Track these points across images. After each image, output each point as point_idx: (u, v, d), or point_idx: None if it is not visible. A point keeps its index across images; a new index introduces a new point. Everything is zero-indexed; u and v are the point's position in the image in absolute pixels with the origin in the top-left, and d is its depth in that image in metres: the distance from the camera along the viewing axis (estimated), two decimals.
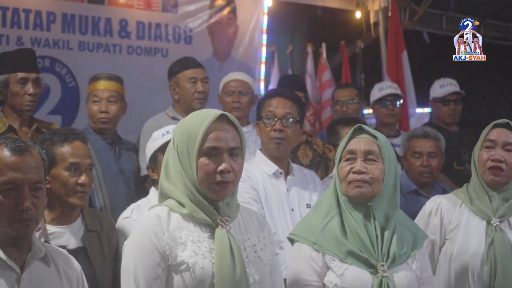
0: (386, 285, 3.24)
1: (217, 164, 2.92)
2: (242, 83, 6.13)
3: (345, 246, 3.28)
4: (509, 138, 3.89)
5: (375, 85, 6.87)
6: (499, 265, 3.74)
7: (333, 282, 3.27)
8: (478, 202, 3.91)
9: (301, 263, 3.31)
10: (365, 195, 3.35)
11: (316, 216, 3.42)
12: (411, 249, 3.43)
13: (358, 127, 3.49)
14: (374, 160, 3.39)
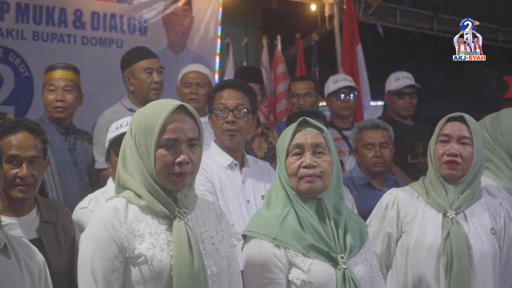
0: (349, 277, 3.27)
1: (176, 156, 2.91)
2: (200, 74, 6.11)
3: (306, 240, 3.28)
4: (463, 132, 3.90)
5: (329, 78, 6.88)
6: (455, 257, 3.75)
7: (300, 278, 3.26)
8: (434, 194, 3.92)
9: (263, 260, 3.27)
10: (317, 190, 3.36)
11: (270, 211, 3.39)
12: (360, 240, 3.47)
13: (302, 120, 3.48)
14: (322, 152, 3.40)
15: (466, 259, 3.77)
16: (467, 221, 3.91)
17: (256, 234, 3.32)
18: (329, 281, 3.26)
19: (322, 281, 3.25)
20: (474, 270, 3.80)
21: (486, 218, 3.96)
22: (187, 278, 2.82)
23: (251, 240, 3.34)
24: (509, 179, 4.33)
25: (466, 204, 3.92)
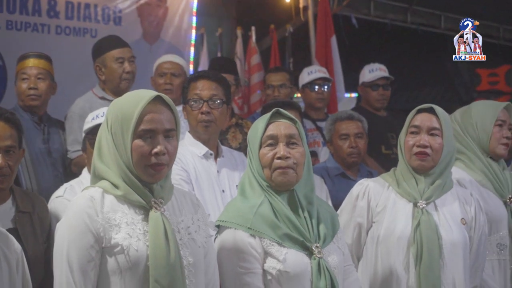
0: (324, 267, 3.28)
1: (152, 146, 2.90)
2: (175, 65, 6.11)
3: (281, 230, 3.29)
4: (433, 123, 3.90)
5: (304, 69, 6.90)
6: (425, 247, 3.77)
7: (275, 268, 3.26)
8: (405, 184, 3.93)
9: (239, 250, 3.27)
10: (291, 182, 3.38)
11: (245, 201, 3.39)
12: (332, 229, 3.49)
13: (276, 111, 3.48)
14: (296, 143, 3.41)
15: (436, 249, 3.78)
16: (438, 211, 3.92)
17: (231, 224, 3.32)
18: (304, 271, 3.28)
19: (298, 270, 3.27)
20: (444, 260, 3.81)
21: (456, 208, 3.98)
22: (164, 268, 2.82)
23: (226, 230, 3.34)
24: (481, 171, 4.37)
25: (437, 194, 3.93)
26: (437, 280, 3.77)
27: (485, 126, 4.41)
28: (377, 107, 6.69)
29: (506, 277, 4.31)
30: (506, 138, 4.40)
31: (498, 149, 4.40)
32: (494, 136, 4.39)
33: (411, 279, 3.81)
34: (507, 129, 4.42)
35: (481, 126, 4.42)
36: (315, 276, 3.27)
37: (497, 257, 4.30)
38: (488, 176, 4.36)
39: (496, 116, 4.39)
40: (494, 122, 4.39)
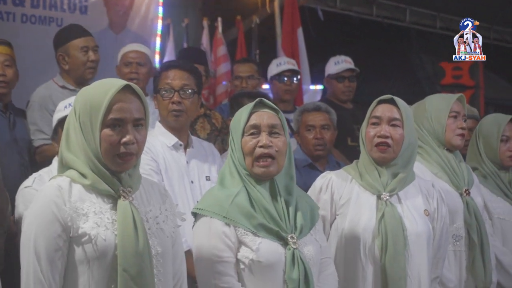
0: (299, 257, 3.30)
1: (121, 136, 2.88)
2: (140, 54, 6.10)
3: (256, 219, 3.31)
4: (394, 114, 3.92)
5: (273, 61, 6.90)
6: (390, 239, 3.79)
7: (248, 257, 3.29)
8: (368, 177, 3.95)
9: (213, 238, 3.30)
10: (272, 173, 3.41)
11: (222, 190, 3.41)
12: (311, 221, 3.51)
13: (259, 101, 3.50)
14: (278, 133, 3.43)
15: (401, 241, 3.81)
16: (401, 203, 3.95)
17: (206, 212, 3.34)
18: (278, 261, 3.30)
19: (271, 260, 3.29)
20: (409, 252, 3.84)
21: (419, 199, 4.01)
22: (132, 257, 2.81)
23: (202, 218, 3.36)
24: (437, 164, 4.41)
25: (400, 186, 3.96)
26: (403, 271, 3.79)
27: (440, 118, 4.43)
28: (343, 99, 6.71)
29: (461, 268, 4.36)
30: (461, 128, 4.43)
31: (454, 140, 4.43)
32: (449, 127, 4.42)
33: (377, 271, 3.84)
34: (462, 120, 4.46)
35: (436, 119, 4.45)
36: (289, 267, 3.29)
37: (452, 248, 4.35)
38: (444, 169, 4.40)
39: (450, 108, 4.42)
40: (448, 113, 4.42)
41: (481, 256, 4.33)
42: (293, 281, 3.28)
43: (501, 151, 4.79)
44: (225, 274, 3.28)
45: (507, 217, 4.76)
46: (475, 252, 4.33)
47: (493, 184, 4.80)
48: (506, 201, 4.79)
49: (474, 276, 4.35)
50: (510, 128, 4.82)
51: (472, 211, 4.34)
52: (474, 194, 4.45)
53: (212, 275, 3.28)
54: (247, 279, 3.32)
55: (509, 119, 4.83)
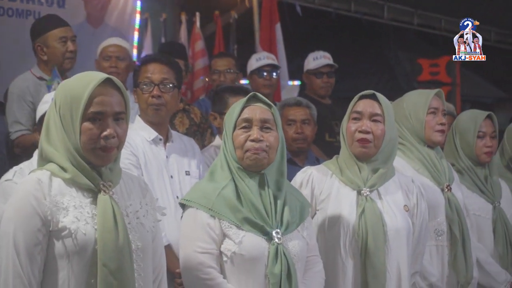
0: (282, 253, 3.32)
1: (102, 129, 2.86)
2: (120, 48, 6.09)
3: (241, 213, 3.33)
4: (375, 109, 3.93)
5: (252, 56, 6.93)
6: (370, 234, 3.81)
7: (231, 250, 3.32)
8: (348, 172, 3.95)
9: (197, 230, 3.34)
10: (262, 162, 3.41)
11: (210, 183, 3.44)
12: (299, 217, 3.52)
13: (253, 95, 3.53)
14: (270, 128, 3.45)
15: (381, 236, 3.83)
16: (381, 198, 3.96)
17: (192, 204, 3.38)
18: (260, 255, 3.32)
19: (254, 254, 3.31)
20: (389, 247, 3.86)
21: (399, 195, 4.02)
22: (112, 252, 2.79)
23: (188, 209, 3.41)
24: (419, 160, 4.43)
25: (380, 182, 3.97)
26: (382, 267, 3.81)
27: (418, 116, 4.45)
28: (322, 95, 6.73)
29: (443, 262, 4.39)
30: (440, 124, 4.45)
31: (433, 136, 4.45)
32: (428, 124, 4.43)
33: (357, 266, 3.85)
34: (441, 115, 4.47)
35: (415, 116, 4.46)
36: (271, 261, 3.31)
37: (435, 243, 4.38)
38: (425, 165, 4.42)
39: (428, 105, 4.43)
40: (427, 110, 4.43)
41: (462, 251, 4.36)
42: (274, 276, 3.29)
43: (477, 147, 4.81)
44: (207, 266, 3.31)
45: (482, 214, 4.81)
46: (457, 247, 4.35)
47: (469, 180, 4.83)
48: (482, 197, 4.83)
49: (456, 270, 4.37)
50: (486, 124, 4.84)
51: (454, 207, 4.37)
52: (455, 189, 4.47)
53: (195, 266, 3.31)
54: (229, 271, 3.35)
55: (486, 115, 4.85)
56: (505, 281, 4.72)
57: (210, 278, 3.30)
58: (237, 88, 5.32)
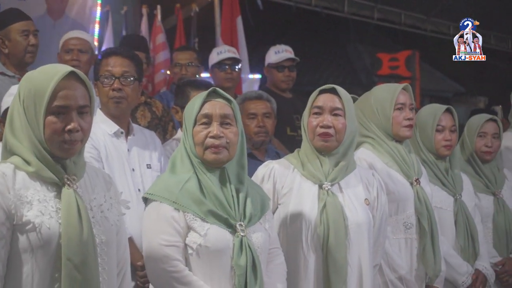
0: (247, 245, 3.34)
1: (65, 123, 2.84)
2: (82, 41, 6.05)
3: (205, 206, 3.34)
4: (335, 103, 3.94)
5: (213, 49, 6.91)
6: (332, 228, 3.82)
7: (196, 243, 3.32)
8: (309, 166, 3.96)
9: (161, 223, 3.33)
10: (222, 161, 3.42)
11: (173, 176, 3.44)
12: (261, 210, 3.54)
13: (213, 90, 3.52)
14: (230, 123, 3.45)
15: (342, 230, 3.85)
16: (342, 192, 3.98)
17: (156, 197, 3.38)
18: (226, 247, 3.33)
19: (219, 246, 3.32)
20: (350, 241, 3.88)
21: (360, 189, 4.04)
22: (76, 246, 2.79)
23: (152, 203, 3.40)
24: (388, 154, 4.46)
25: (341, 176, 3.99)
26: (344, 260, 3.84)
27: (385, 112, 4.47)
28: (283, 88, 6.75)
29: (412, 255, 4.42)
30: (408, 119, 4.47)
31: (401, 132, 4.48)
32: (395, 120, 4.45)
33: (319, 260, 3.87)
34: (409, 109, 4.49)
35: (382, 112, 4.48)
36: (236, 253, 3.32)
37: (404, 236, 4.41)
38: (394, 158, 4.45)
39: (395, 100, 4.45)
40: (393, 106, 4.45)
41: (431, 244, 4.40)
42: (240, 268, 3.31)
43: (436, 141, 4.86)
44: (173, 258, 3.31)
45: (444, 206, 4.85)
46: (425, 240, 4.39)
47: (431, 173, 4.86)
48: (443, 190, 4.87)
49: (424, 263, 4.41)
50: (445, 118, 4.88)
51: (423, 200, 4.41)
52: (423, 183, 4.51)
53: (160, 259, 3.31)
54: (195, 264, 3.35)
55: (445, 109, 4.90)
56: (467, 273, 4.79)
57: (177, 271, 3.30)
58: (199, 82, 5.32)
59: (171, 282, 3.30)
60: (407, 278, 4.28)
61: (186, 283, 3.30)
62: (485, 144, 5.32)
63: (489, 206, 5.30)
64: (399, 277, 4.25)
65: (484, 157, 5.35)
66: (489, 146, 5.32)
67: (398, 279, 4.25)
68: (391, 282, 4.22)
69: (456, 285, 4.80)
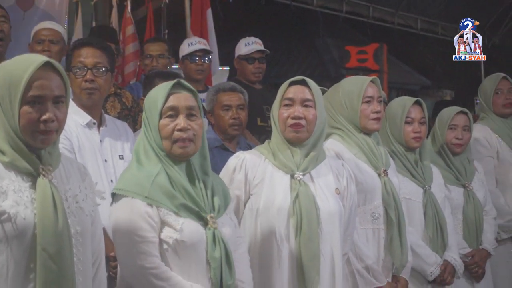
0: (219, 237, 3.36)
1: (41, 113, 2.84)
2: (53, 32, 6.01)
3: (177, 200, 3.34)
4: (306, 95, 3.98)
5: (184, 41, 6.90)
6: (305, 218, 3.86)
7: (172, 237, 3.31)
8: (281, 156, 3.99)
9: (135, 219, 3.30)
10: (189, 154, 3.43)
11: (141, 170, 3.41)
12: (225, 200, 3.55)
13: (177, 82, 3.50)
14: (195, 115, 3.45)
15: (315, 220, 3.89)
16: (313, 182, 4.02)
17: (127, 193, 3.34)
18: (200, 240, 3.34)
19: (194, 240, 3.33)
20: (322, 230, 3.92)
21: (330, 178, 4.09)
22: (51, 236, 2.79)
23: (123, 198, 3.36)
24: (357, 145, 4.50)
25: (312, 166, 4.03)
26: (317, 250, 3.88)
27: (353, 105, 4.51)
28: (253, 80, 6.76)
29: (379, 245, 4.47)
30: (376, 112, 4.51)
31: (369, 125, 4.52)
32: (363, 113, 4.49)
33: (292, 249, 3.90)
34: (377, 102, 4.53)
35: (349, 105, 4.52)
36: (210, 246, 3.34)
37: (371, 226, 4.46)
38: (363, 150, 4.49)
39: (363, 94, 4.49)
40: (361, 100, 4.49)
41: (398, 235, 4.45)
42: (215, 260, 3.33)
43: (405, 133, 4.90)
44: (150, 255, 3.29)
45: (413, 197, 4.90)
46: (392, 231, 4.44)
47: (400, 164, 4.91)
48: (413, 181, 4.92)
49: (391, 253, 4.46)
50: (415, 110, 4.93)
51: (390, 191, 4.45)
52: (391, 174, 4.55)
53: (137, 256, 3.28)
54: (171, 259, 3.34)
55: (414, 101, 4.95)
56: (435, 263, 4.84)
57: (155, 267, 3.28)
58: (167, 73, 5.33)
59: (149, 279, 3.27)
60: (374, 268, 4.32)
61: (165, 278, 3.29)
62: (456, 136, 5.38)
63: (459, 197, 5.36)
64: (366, 267, 4.29)
65: (455, 149, 5.41)
66: (460, 138, 5.38)
67: (365, 269, 4.28)
68: (358, 271, 4.26)
69: (425, 275, 4.85)
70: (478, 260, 5.35)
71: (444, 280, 4.91)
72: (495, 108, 6.15)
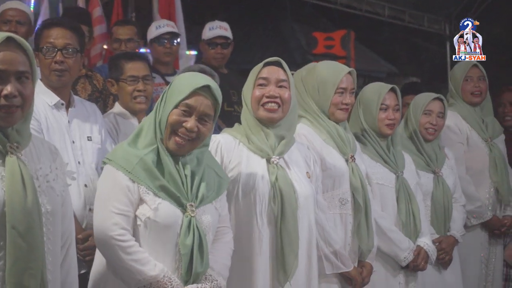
0: (195, 225, 3.37)
1: (2, 88, 2.81)
2: (20, 12, 5.97)
3: (159, 181, 3.36)
4: (281, 75, 3.98)
5: (152, 23, 6.88)
6: (285, 201, 3.89)
7: (146, 215, 3.35)
8: (255, 139, 3.99)
9: (116, 190, 3.35)
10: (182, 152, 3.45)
11: (133, 146, 3.45)
12: (216, 192, 3.57)
13: (207, 86, 3.45)
14: (206, 122, 3.46)
15: (294, 203, 3.92)
16: (288, 165, 4.04)
17: (114, 164, 3.40)
18: (173, 224, 3.37)
19: (167, 222, 3.36)
20: (299, 213, 3.96)
21: (301, 162, 4.14)
22: (20, 213, 2.77)
23: (109, 167, 3.42)
24: (326, 130, 4.51)
25: (286, 149, 4.06)
26: (296, 233, 3.92)
27: (326, 93, 4.50)
28: (214, 65, 6.72)
29: (347, 230, 4.49)
30: (345, 104, 4.51)
31: (336, 114, 4.53)
32: (333, 102, 4.50)
33: (273, 233, 3.94)
34: (349, 93, 4.53)
35: (322, 92, 4.52)
36: (183, 232, 3.36)
37: (339, 211, 4.47)
38: (331, 135, 4.50)
39: (337, 84, 4.49)
40: (335, 90, 4.48)
41: (365, 220, 4.48)
42: (185, 247, 3.35)
43: (380, 119, 4.91)
44: (121, 227, 3.33)
45: (385, 183, 4.92)
46: (360, 216, 4.47)
47: (373, 150, 4.94)
48: (385, 167, 4.94)
49: (358, 238, 4.49)
50: (390, 97, 4.94)
51: (358, 176, 4.48)
52: (358, 161, 4.57)
53: (109, 226, 3.33)
54: (142, 236, 3.38)
55: (389, 88, 4.97)
56: (408, 249, 4.85)
57: (123, 240, 3.32)
58: (132, 54, 5.31)
59: (116, 250, 3.32)
60: (341, 253, 4.34)
61: (130, 253, 3.32)
62: (430, 121, 5.41)
63: (429, 183, 5.39)
64: (333, 252, 4.30)
65: (427, 135, 5.44)
66: (434, 124, 5.41)
67: (333, 254, 4.30)
68: (325, 256, 4.28)
69: (398, 260, 4.87)
70: (445, 247, 5.38)
71: (417, 265, 4.93)
72: (463, 95, 6.17)
